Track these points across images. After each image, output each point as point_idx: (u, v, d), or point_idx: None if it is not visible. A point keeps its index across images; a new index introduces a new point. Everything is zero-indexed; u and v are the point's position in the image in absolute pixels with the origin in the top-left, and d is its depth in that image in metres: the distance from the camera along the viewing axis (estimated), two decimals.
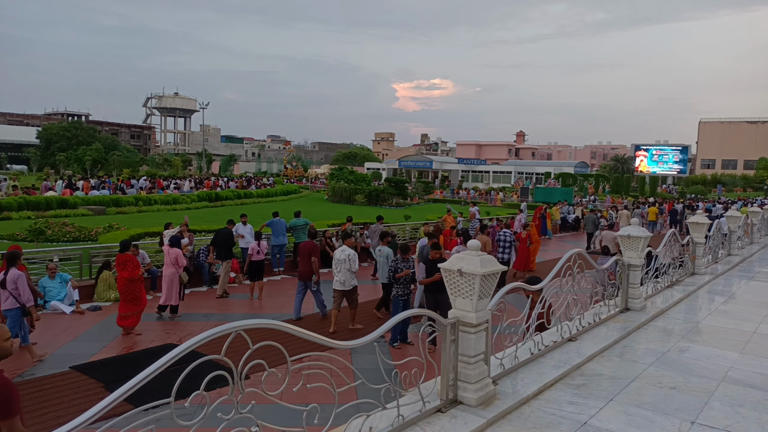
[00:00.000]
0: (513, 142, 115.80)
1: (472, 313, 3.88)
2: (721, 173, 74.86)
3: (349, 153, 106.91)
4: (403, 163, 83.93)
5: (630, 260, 6.97)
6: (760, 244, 15.76)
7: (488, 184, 72.76)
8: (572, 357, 5.09)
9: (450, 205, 31.05)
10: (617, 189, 58.63)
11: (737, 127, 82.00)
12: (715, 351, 5.68)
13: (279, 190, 47.10)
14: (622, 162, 76.47)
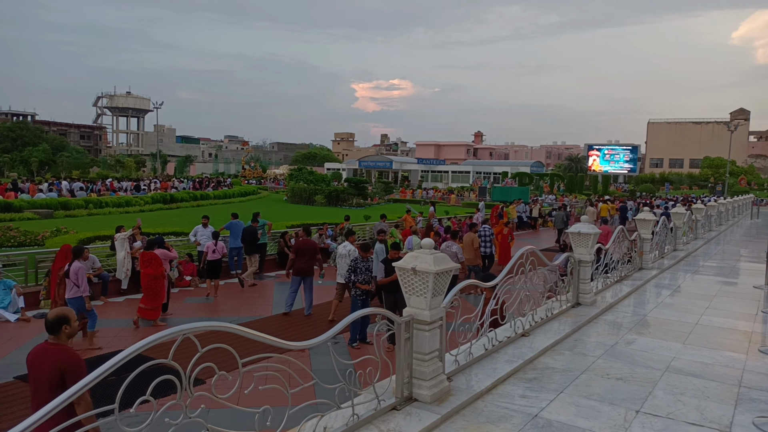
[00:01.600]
0: (471, 143, 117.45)
1: (426, 311, 3.93)
2: (668, 172, 77.88)
3: (308, 153, 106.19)
4: (363, 164, 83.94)
5: (580, 256, 7.19)
6: (704, 239, 16.50)
7: (447, 184, 73.60)
8: (525, 351, 5.22)
9: (410, 205, 31.26)
10: (571, 188, 60.24)
11: (683, 127, 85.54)
12: (660, 342, 5.92)
13: (237, 191, 46.38)
14: (576, 161, 78.64)
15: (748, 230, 22.36)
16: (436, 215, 24.34)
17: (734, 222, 24.60)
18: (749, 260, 12.98)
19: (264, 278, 14.69)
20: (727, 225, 22.26)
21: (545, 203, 37.84)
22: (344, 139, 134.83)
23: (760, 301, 8.27)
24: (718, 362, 5.27)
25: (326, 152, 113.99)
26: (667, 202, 35.85)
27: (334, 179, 58.57)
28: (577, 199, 45.14)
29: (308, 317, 10.71)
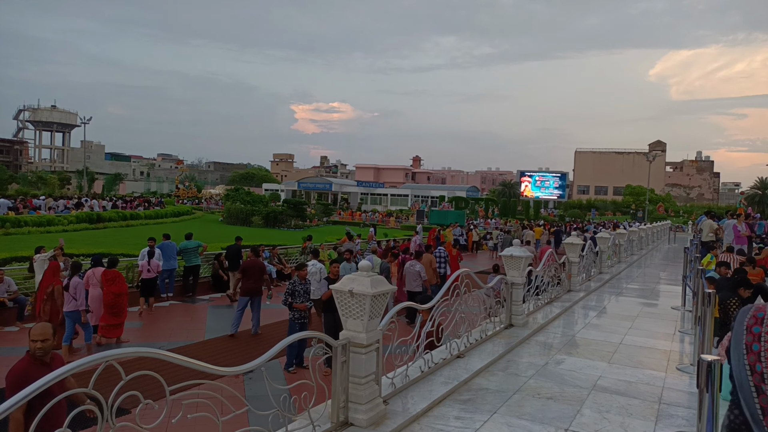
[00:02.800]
0: (410, 167, 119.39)
1: (363, 333, 3.92)
2: (594, 198, 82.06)
3: (246, 173, 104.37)
4: (302, 185, 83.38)
5: (513, 279, 7.41)
6: (627, 262, 17.43)
7: (386, 207, 74.20)
8: (460, 373, 5.29)
9: (349, 227, 31.24)
10: (505, 212, 62.24)
11: (607, 156, 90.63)
12: (587, 362, 6.16)
13: (170, 211, 44.75)
14: (509, 187, 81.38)
15: (666, 254, 23.81)
16: (375, 237, 24.44)
17: (653, 246, 26.17)
18: (667, 283, 13.79)
19: (197, 301, 14.17)
20: (647, 249, 23.64)
21: (480, 227, 38.85)
22: (283, 160, 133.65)
23: (677, 321, 8.79)
24: (640, 380, 5.54)
25: (264, 173, 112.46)
26: (596, 226, 37.70)
27: (273, 200, 57.78)
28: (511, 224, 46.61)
29: (254, 338, 10.58)
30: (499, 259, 17.40)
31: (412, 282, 11.90)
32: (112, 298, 9.98)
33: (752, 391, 1.13)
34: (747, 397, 1.13)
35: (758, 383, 1.13)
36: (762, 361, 1.15)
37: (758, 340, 1.18)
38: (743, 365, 1.17)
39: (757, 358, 1.16)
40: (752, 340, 1.19)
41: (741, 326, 1.24)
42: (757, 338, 1.18)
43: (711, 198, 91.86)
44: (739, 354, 1.19)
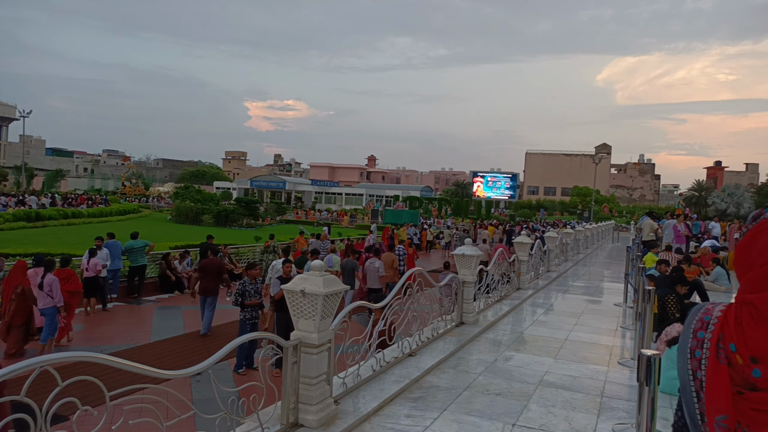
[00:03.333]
0: (365, 166, 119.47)
1: (315, 333, 3.89)
2: (543, 199, 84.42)
3: (196, 171, 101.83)
4: (255, 183, 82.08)
5: (464, 277, 7.52)
6: (574, 261, 18.01)
7: (341, 206, 74.00)
8: (412, 371, 5.32)
9: (303, 227, 30.98)
10: (458, 212, 63.16)
11: (556, 158, 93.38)
12: (534, 358, 6.33)
13: (115, 209, 43.15)
14: (462, 187, 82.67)
15: (610, 253, 24.73)
16: (330, 237, 24.31)
17: (598, 245, 27.14)
18: (611, 280, 14.33)
19: (143, 303, 13.72)
20: (592, 248, 24.48)
21: (434, 227, 39.28)
22: (236, 157, 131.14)
23: (620, 317, 9.14)
24: (584, 375, 5.73)
25: (216, 170, 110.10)
26: (550, 226, 38.77)
27: (224, 198, 56.60)
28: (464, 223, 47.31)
29: (204, 339, 10.35)
30: (451, 258, 17.77)
31: (372, 279, 12.05)
32: (67, 297, 9.77)
33: (693, 395, 1.15)
34: (688, 401, 1.17)
35: (698, 389, 1.15)
36: (702, 368, 1.16)
37: (701, 347, 1.19)
38: (687, 369, 1.19)
39: (699, 365, 1.17)
40: (696, 346, 1.20)
41: (689, 328, 1.25)
42: (700, 344, 1.19)
43: (652, 199, 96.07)
44: (684, 357, 1.21)
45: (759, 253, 1.20)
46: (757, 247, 1.21)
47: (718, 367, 1.15)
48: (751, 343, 1.13)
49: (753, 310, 1.16)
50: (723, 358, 1.15)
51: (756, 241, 1.22)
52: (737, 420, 1.10)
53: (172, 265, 15.51)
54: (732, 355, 1.15)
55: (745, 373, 1.13)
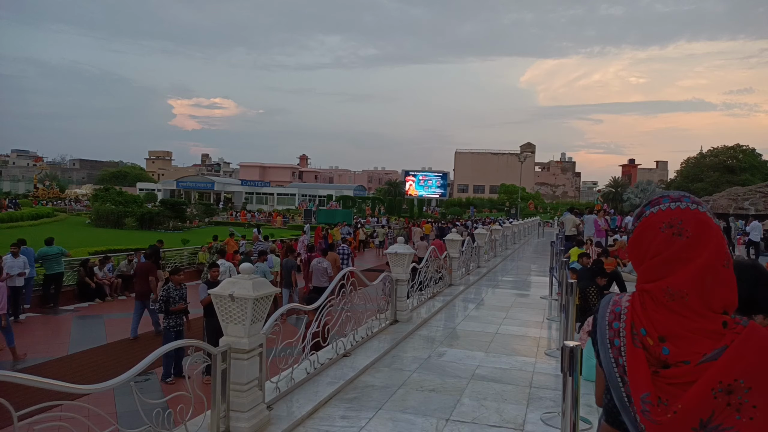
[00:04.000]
0: (297, 165, 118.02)
1: (245, 338, 3.78)
2: (473, 196, 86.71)
3: (118, 172, 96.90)
4: (181, 184, 79.12)
5: (397, 275, 7.57)
6: (502, 256, 18.60)
7: (273, 206, 72.74)
8: (347, 372, 5.29)
9: (233, 228, 30.17)
10: (391, 210, 63.66)
11: (484, 157, 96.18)
12: (467, 352, 6.46)
13: (27, 213, 40.28)
14: (394, 186, 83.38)
15: (536, 248, 25.75)
16: (261, 238, 23.82)
17: (525, 241, 28.19)
18: (537, 274, 14.91)
19: (60, 312, 12.88)
20: (519, 244, 25.40)
21: (368, 226, 39.42)
22: (160, 157, 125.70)
23: (546, 309, 9.53)
24: (513, 367, 5.92)
25: (139, 171, 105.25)
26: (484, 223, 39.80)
27: (148, 200, 54.19)
28: (398, 221, 47.77)
29: (129, 349, 9.98)
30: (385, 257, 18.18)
31: (319, 278, 12.10)
32: None
33: (618, 381, 1.24)
34: (615, 386, 1.25)
35: (621, 374, 1.24)
36: (623, 355, 1.25)
37: (618, 336, 1.27)
38: (609, 358, 1.27)
39: (619, 353, 1.25)
40: (613, 336, 1.28)
41: (603, 320, 1.33)
42: (617, 333, 1.28)
43: (573, 195, 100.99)
44: (605, 348, 1.29)
45: (647, 248, 1.30)
46: (645, 242, 1.31)
47: (635, 352, 1.23)
48: (657, 324, 1.24)
49: (652, 296, 1.27)
50: (638, 343, 1.24)
51: (643, 237, 1.32)
52: (657, 396, 1.19)
53: (92, 272, 14.65)
54: (644, 339, 1.24)
55: (657, 353, 1.22)
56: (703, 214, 1.28)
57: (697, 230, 1.25)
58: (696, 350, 1.19)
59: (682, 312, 1.23)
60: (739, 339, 1.17)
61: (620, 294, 1.38)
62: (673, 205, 1.29)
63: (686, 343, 1.21)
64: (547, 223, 47.15)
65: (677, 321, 1.22)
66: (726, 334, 1.19)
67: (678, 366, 1.19)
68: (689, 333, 1.21)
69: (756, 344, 1.16)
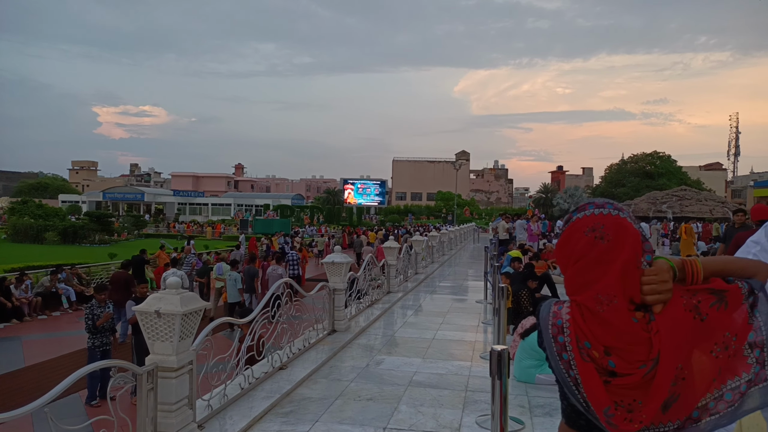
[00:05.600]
0: (232, 175, 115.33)
1: (173, 356, 3.63)
2: (411, 204, 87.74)
3: (37, 183, 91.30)
4: (108, 195, 75.53)
5: (335, 285, 7.53)
6: (440, 262, 18.90)
7: (207, 217, 70.68)
8: (283, 385, 5.19)
9: (164, 240, 29.04)
10: (330, 219, 63.39)
11: (421, 165, 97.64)
12: (404, 359, 6.50)
13: None
14: (333, 194, 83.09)
15: (472, 253, 26.35)
16: (195, 250, 23.06)
17: (461, 246, 28.79)
18: (474, 279, 15.24)
19: None
20: (456, 249, 25.91)
21: (306, 234, 39.03)
22: (85, 168, 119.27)
23: (481, 313, 9.75)
24: (450, 372, 6.00)
25: (61, 182, 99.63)
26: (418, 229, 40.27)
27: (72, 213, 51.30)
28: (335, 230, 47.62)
29: (49, 373, 9.36)
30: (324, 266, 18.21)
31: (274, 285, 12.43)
32: None
33: (574, 389, 1.28)
34: (572, 393, 1.29)
35: (576, 384, 1.28)
36: (573, 368, 1.28)
37: (566, 350, 1.30)
38: (561, 369, 1.31)
39: (569, 366, 1.29)
40: (560, 350, 1.31)
41: (547, 333, 1.35)
42: (563, 347, 1.31)
43: (507, 201, 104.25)
44: (554, 360, 1.32)
45: (571, 251, 1.35)
46: (570, 246, 1.36)
47: (585, 366, 1.27)
48: (598, 337, 1.27)
49: (587, 308, 1.30)
50: (586, 357, 1.28)
51: (569, 242, 1.37)
52: (615, 402, 1.24)
53: (10, 291, 13.67)
54: (590, 352, 1.27)
55: (604, 364, 1.26)
56: (623, 219, 1.33)
57: (616, 234, 1.31)
58: (635, 359, 1.25)
59: (614, 319, 1.26)
60: (661, 340, 1.24)
61: (557, 303, 1.40)
62: (596, 211, 1.35)
63: (626, 354, 1.25)
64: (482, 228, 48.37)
65: (613, 333, 1.26)
66: (648, 336, 1.25)
67: (624, 377, 1.25)
68: (626, 345, 1.26)
69: (670, 333, 1.24)
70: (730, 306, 1.27)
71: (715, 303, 1.27)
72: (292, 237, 31.41)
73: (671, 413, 1.23)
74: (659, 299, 1.28)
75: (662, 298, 1.28)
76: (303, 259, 20.38)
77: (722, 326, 1.26)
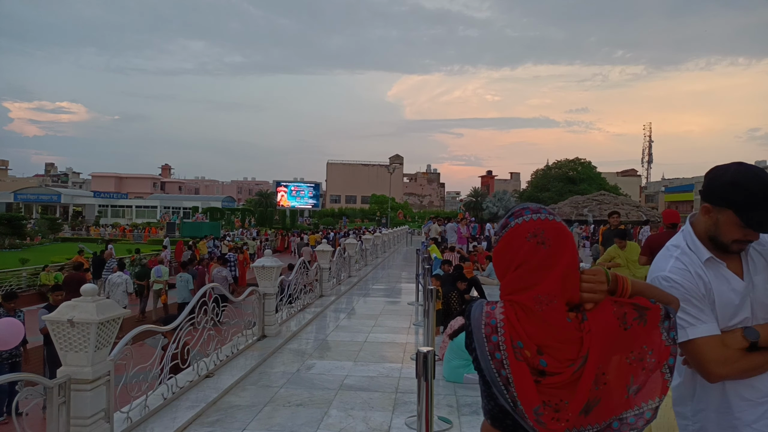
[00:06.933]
0: (158, 176, 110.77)
1: (88, 367, 3.44)
2: (345, 207, 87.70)
3: None
4: (20, 197, 70.49)
5: (265, 289, 7.39)
6: (373, 265, 18.99)
7: (131, 220, 67.49)
8: (209, 394, 5.03)
9: (82, 244, 27.47)
10: (262, 222, 62.23)
11: (355, 168, 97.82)
12: (335, 363, 6.47)
13: None
14: (265, 197, 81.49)
15: (405, 255, 26.66)
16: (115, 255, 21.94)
17: (395, 249, 29.07)
18: (406, 281, 15.42)
19: None
20: (389, 252, 26.14)
21: (236, 238, 38.08)
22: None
23: (413, 315, 9.87)
24: (381, 374, 6.04)
25: None
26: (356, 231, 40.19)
27: None
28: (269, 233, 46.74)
29: None
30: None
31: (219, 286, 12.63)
32: None
33: (503, 389, 1.30)
34: (500, 393, 1.31)
35: (506, 384, 1.30)
36: (506, 368, 1.30)
37: (499, 349, 1.32)
38: (491, 369, 1.32)
39: (501, 365, 1.31)
40: (493, 349, 1.32)
41: (480, 333, 1.36)
42: (496, 347, 1.32)
43: (439, 205, 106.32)
44: (485, 360, 1.33)
45: (513, 256, 1.37)
46: (511, 251, 1.38)
47: (518, 365, 1.30)
48: (532, 335, 1.31)
49: (523, 306, 1.33)
50: (519, 356, 1.30)
51: (508, 248, 1.39)
52: (543, 401, 1.28)
53: None
54: (522, 351, 1.30)
55: (535, 364, 1.29)
56: (560, 223, 1.39)
57: (556, 239, 1.35)
58: (566, 358, 1.30)
59: (550, 318, 1.31)
60: (592, 339, 1.30)
61: (489, 304, 1.42)
62: (534, 216, 1.38)
63: (558, 352, 1.30)
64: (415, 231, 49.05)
65: (548, 332, 1.30)
66: (580, 335, 1.32)
67: (554, 376, 1.29)
68: (558, 343, 1.30)
69: (600, 334, 1.31)
70: (649, 324, 1.35)
71: (637, 318, 1.35)
72: (221, 240, 30.56)
73: (592, 417, 1.29)
74: (594, 299, 1.35)
75: (597, 298, 1.36)
76: (244, 261, 20.23)
77: (641, 339, 1.34)
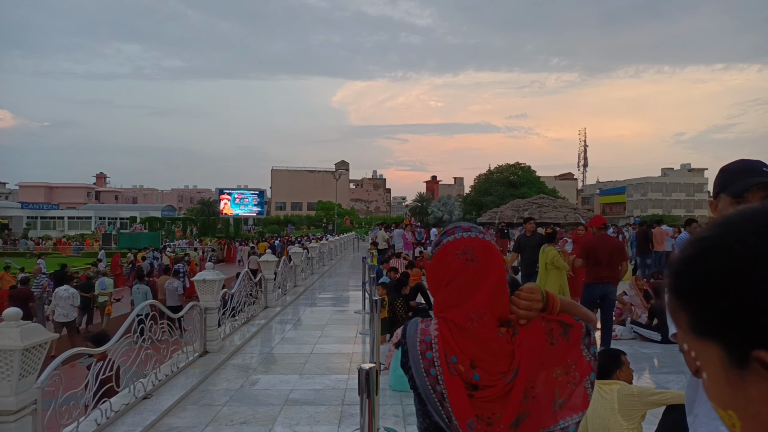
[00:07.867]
0: (93, 185, 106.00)
1: (12, 397, 3.24)
2: (291, 214, 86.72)
3: None
4: None
5: (206, 304, 7.19)
6: (320, 273, 18.84)
7: (63, 232, 64.19)
8: (147, 416, 4.84)
9: (9, 260, 25.84)
10: (205, 231, 60.57)
11: (301, 174, 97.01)
12: (281, 377, 6.37)
13: None
14: (208, 205, 79.43)
15: (353, 262, 26.60)
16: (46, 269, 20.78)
17: (342, 256, 28.98)
18: (354, 289, 15.35)
19: None
20: (336, 259, 26.03)
21: (177, 248, 36.92)
22: None
23: (359, 324, 9.85)
24: (327, 386, 5.98)
25: None
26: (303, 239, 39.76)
27: None
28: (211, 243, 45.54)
29: None
30: None
31: (171, 298, 12.54)
32: None
33: (438, 405, 1.31)
34: (435, 410, 1.32)
35: (440, 400, 1.31)
36: (440, 383, 1.32)
37: (434, 365, 1.33)
38: (426, 385, 1.33)
39: (436, 381, 1.32)
40: (428, 365, 1.34)
41: (415, 350, 1.37)
42: (431, 363, 1.34)
43: (385, 210, 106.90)
44: (420, 376, 1.34)
45: (443, 275, 1.41)
46: (443, 268, 1.42)
47: (453, 380, 1.32)
48: (466, 351, 1.34)
49: (456, 323, 1.36)
50: (454, 372, 1.32)
51: (440, 264, 1.43)
52: (476, 415, 1.30)
53: None
54: (457, 366, 1.32)
55: (468, 378, 1.32)
56: (489, 241, 1.44)
57: (485, 256, 1.40)
58: (498, 371, 1.33)
59: (483, 334, 1.34)
60: (522, 352, 1.34)
61: (424, 321, 1.44)
62: (465, 234, 1.43)
63: (490, 366, 1.33)
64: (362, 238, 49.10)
65: (481, 346, 1.34)
66: (512, 348, 1.35)
67: (486, 389, 1.32)
68: (491, 356, 1.34)
69: (529, 348, 1.35)
70: (572, 340, 1.42)
71: (562, 333, 1.41)
72: (162, 251, 29.54)
73: (521, 430, 1.33)
74: (530, 316, 1.39)
75: (532, 316, 1.40)
76: (191, 272, 19.52)
77: (565, 354, 1.40)
